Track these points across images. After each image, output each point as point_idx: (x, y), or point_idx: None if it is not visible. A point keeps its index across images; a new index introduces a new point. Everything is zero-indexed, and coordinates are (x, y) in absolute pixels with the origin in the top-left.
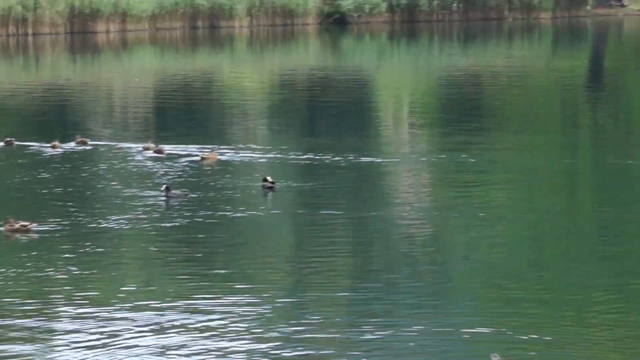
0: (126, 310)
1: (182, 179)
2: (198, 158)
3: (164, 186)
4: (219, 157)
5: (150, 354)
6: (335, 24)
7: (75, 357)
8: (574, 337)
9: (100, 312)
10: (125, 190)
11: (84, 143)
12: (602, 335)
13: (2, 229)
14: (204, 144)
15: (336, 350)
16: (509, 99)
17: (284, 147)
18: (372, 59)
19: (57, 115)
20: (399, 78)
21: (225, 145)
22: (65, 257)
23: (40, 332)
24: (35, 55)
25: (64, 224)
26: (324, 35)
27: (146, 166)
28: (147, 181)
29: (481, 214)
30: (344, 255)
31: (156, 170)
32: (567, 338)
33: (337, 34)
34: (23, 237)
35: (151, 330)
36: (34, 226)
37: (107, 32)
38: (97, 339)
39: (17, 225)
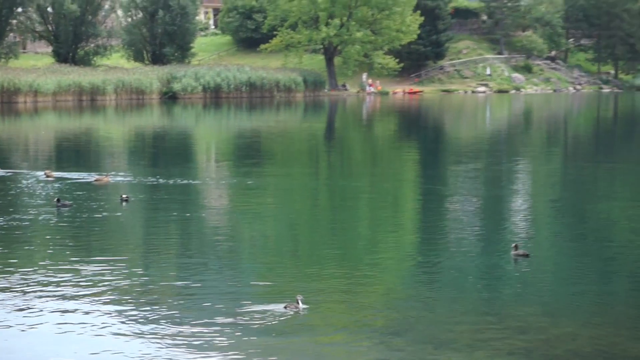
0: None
1: (74, 195)
2: (92, 179)
3: (56, 199)
4: (110, 180)
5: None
6: (169, 99)
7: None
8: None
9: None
10: (31, 202)
11: None
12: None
13: None
14: (96, 171)
15: None
16: (276, 145)
17: (143, 173)
18: (192, 120)
19: None
20: (209, 132)
21: (108, 172)
22: None
23: None
24: None
25: None
26: (162, 106)
27: (47, 187)
28: (47, 197)
29: (258, 212)
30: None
31: (55, 189)
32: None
33: (171, 105)
34: None
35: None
36: None
37: (25, 102)
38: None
39: None
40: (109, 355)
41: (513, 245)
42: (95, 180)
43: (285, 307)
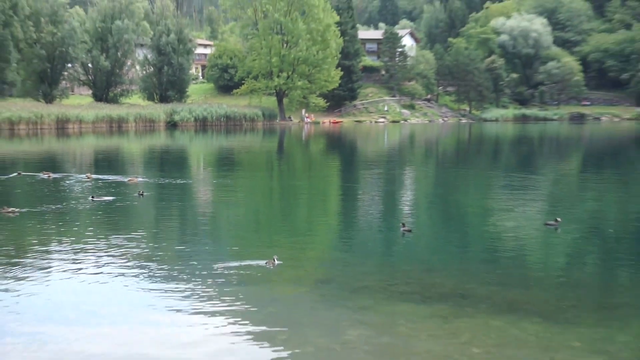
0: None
1: (107, 191)
2: (126, 180)
3: (91, 196)
4: (138, 180)
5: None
6: (171, 126)
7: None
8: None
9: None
10: (75, 195)
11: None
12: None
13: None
14: (123, 175)
15: None
16: (244, 157)
17: (154, 176)
18: (187, 141)
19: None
20: (199, 148)
21: (131, 175)
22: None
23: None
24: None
25: (44, 208)
26: (166, 131)
27: (86, 186)
28: (85, 192)
29: (233, 201)
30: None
31: (92, 187)
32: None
33: (172, 131)
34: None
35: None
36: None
37: (73, 128)
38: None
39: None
40: (122, 297)
41: (401, 223)
42: (129, 180)
43: (266, 263)
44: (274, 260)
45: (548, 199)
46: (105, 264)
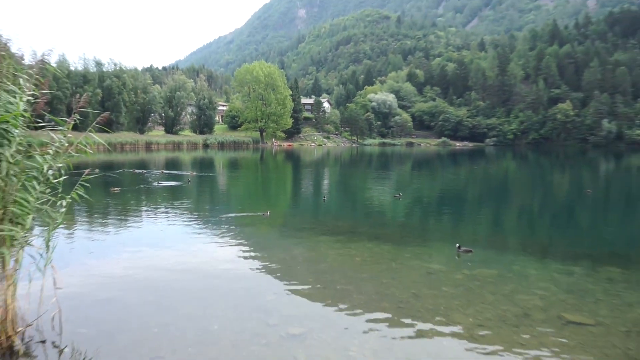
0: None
1: (171, 179)
2: (189, 174)
3: (156, 182)
4: (195, 174)
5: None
6: (206, 147)
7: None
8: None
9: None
10: (150, 182)
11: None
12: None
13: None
14: (182, 171)
15: None
16: (243, 162)
17: (195, 171)
18: (214, 154)
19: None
20: (218, 158)
21: (191, 170)
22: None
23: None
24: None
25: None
26: (203, 149)
27: (158, 177)
28: (155, 180)
29: (236, 184)
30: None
31: (159, 177)
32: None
33: (206, 149)
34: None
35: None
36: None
37: (154, 148)
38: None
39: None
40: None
41: (323, 197)
42: (190, 174)
43: (262, 214)
44: (267, 212)
45: (395, 183)
46: (163, 216)
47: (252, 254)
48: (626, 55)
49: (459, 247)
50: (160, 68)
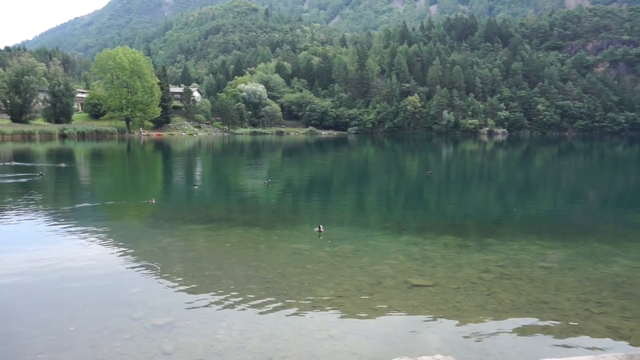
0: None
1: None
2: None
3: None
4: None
5: None
6: (62, 137)
7: None
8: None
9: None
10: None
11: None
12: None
13: None
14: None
15: None
16: (108, 152)
17: (49, 162)
18: (74, 145)
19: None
20: (79, 149)
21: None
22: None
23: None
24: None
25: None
26: (60, 139)
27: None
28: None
29: (104, 173)
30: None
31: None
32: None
33: (64, 139)
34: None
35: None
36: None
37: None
38: None
39: None
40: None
41: (194, 186)
42: (60, 166)
43: (147, 202)
44: (152, 200)
45: (266, 171)
46: (13, 214)
47: (118, 248)
48: (460, 56)
49: (319, 229)
50: (2, 48)
